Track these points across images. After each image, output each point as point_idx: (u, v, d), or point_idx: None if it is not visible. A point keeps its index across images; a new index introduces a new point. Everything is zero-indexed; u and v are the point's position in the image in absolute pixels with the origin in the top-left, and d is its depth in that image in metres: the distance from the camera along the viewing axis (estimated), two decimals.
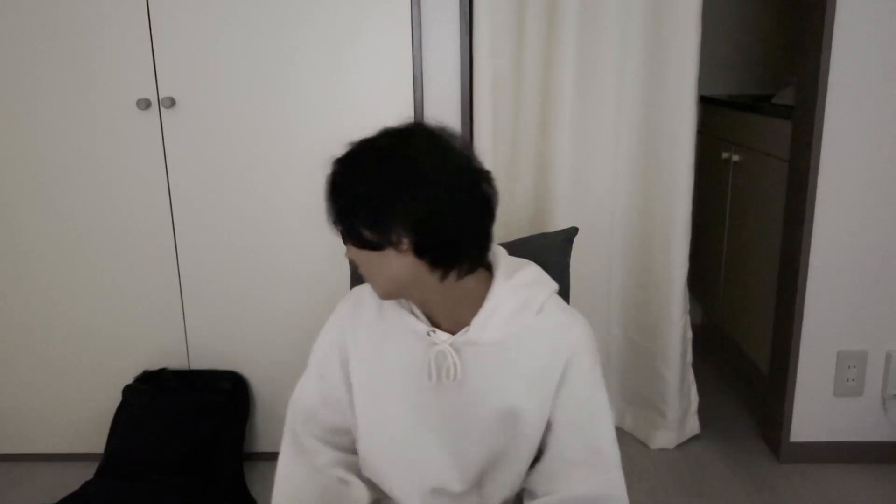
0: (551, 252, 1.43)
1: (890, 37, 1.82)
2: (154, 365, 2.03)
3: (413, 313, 1.05)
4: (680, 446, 2.18)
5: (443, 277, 0.97)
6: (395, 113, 1.87)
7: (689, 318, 2.13)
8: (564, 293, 1.42)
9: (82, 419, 2.09)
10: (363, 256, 0.98)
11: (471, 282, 1.01)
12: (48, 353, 2.05)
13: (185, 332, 2.01)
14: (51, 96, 1.87)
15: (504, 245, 1.54)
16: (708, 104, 2.76)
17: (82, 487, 1.62)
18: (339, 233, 0.99)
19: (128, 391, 1.98)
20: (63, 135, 1.89)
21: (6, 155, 1.92)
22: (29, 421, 2.11)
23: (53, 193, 1.93)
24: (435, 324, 1.04)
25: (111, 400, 2.04)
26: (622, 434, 2.25)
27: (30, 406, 2.09)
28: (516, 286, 1.03)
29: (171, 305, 1.99)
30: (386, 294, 1.02)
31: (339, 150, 1.00)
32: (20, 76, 1.86)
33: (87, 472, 1.46)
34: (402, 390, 1.05)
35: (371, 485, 1.12)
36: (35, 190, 1.93)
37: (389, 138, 1.00)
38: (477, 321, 1.01)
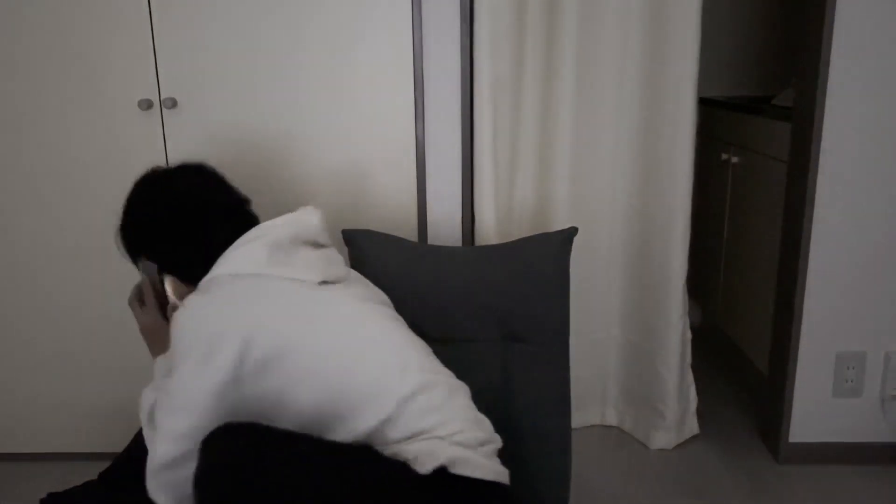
0: (551, 252, 1.43)
1: (890, 38, 1.83)
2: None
3: None
4: (679, 447, 2.18)
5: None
6: (395, 114, 1.89)
7: (688, 319, 2.14)
8: (564, 293, 1.43)
9: (82, 419, 2.09)
10: None
11: None
12: (48, 352, 2.05)
13: None
14: (52, 97, 1.87)
15: (504, 246, 1.55)
16: (707, 106, 2.77)
17: (84, 485, 1.62)
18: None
19: None
20: (65, 135, 1.90)
21: (7, 155, 1.92)
22: (29, 421, 2.11)
23: (54, 193, 1.94)
24: None
25: (111, 400, 2.05)
26: (621, 434, 2.26)
27: (30, 406, 2.10)
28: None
29: None
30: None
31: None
32: (22, 76, 1.86)
33: (88, 472, 1.46)
34: None
35: None
36: (36, 190, 1.94)
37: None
38: None
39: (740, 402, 2.44)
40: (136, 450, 1.58)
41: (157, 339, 1.34)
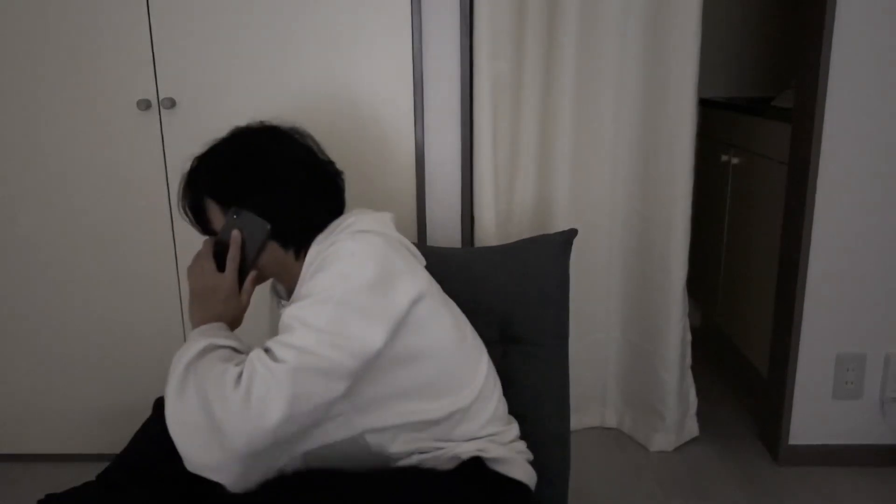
0: (551, 254, 1.43)
1: (890, 40, 1.83)
2: (155, 365, 2.03)
3: (275, 289, 1.29)
4: (679, 448, 2.18)
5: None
6: (395, 115, 1.89)
7: (688, 321, 2.14)
8: (564, 295, 1.43)
9: (82, 419, 2.09)
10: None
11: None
12: (48, 353, 2.05)
13: (185, 332, 2.01)
14: (51, 97, 1.87)
15: (504, 247, 1.55)
16: (707, 107, 2.77)
17: (82, 487, 1.62)
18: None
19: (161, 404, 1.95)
20: (63, 135, 1.89)
21: (6, 155, 1.92)
22: (28, 422, 2.11)
23: (53, 193, 1.94)
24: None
25: (110, 401, 2.05)
26: (621, 436, 2.25)
27: (29, 407, 2.09)
28: (323, 242, 1.13)
29: (171, 306, 1.99)
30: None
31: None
32: (20, 77, 1.86)
33: (86, 473, 1.46)
34: None
35: None
36: (35, 190, 1.94)
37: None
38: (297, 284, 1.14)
39: (740, 403, 2.44)
40: (135, 451, 1.58)
41: (218, 305, 1.13)
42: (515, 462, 1.20)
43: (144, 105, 1.85)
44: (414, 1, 1.80)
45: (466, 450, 1.16)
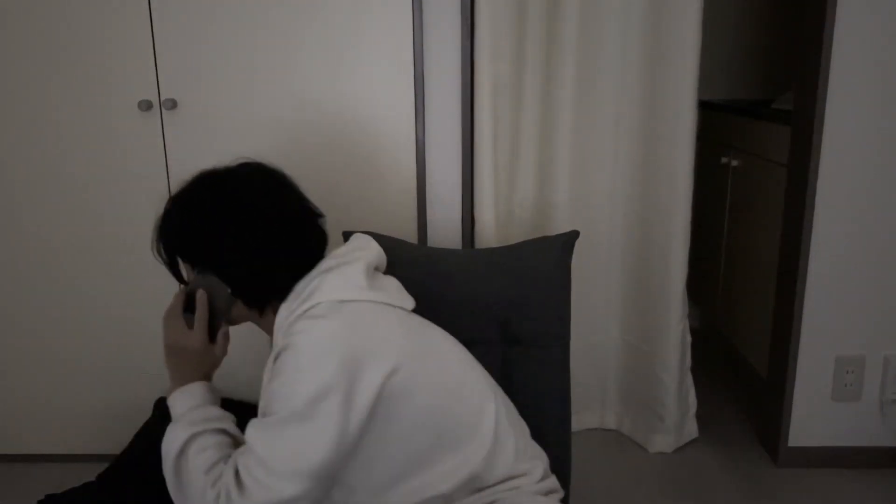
0: (553, 255, 1.43)
1: (890, 42, 1.83)
2: (155, 366, 2.03)
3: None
4: (678, 450, 2.18)
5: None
6: (395, 115, 1.89)
7: (687, 323, 2.14)
8: (565, 296, 1.43)
9: (82, 419, 2.09)
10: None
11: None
12: (48, 353, 2.05)
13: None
14: (52, 98, 1.87)
15: (505, 248, 1.55)
16: (707, 109, 2.77)
17: (82, 487, 1.62)
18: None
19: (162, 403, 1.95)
20: (64, 136, 1.90)
21: (8, 155, 1.92)
22: (28, 422, 2.11)
23: (54, 195, 1.94)
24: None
25: (110, 402, 2.05)
26: (621, 437, 2.25)
27: (29, 407, 2.09)
28: (293, 303, 1.08)
29: None
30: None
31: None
32: (22, 77, 1.86)
33: (86, 473, 1.46)
34: None
35: None
36: (36, 191, 1.94)
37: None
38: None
39: (739, 405, 2.44)
40: (135, 452, 1.58)
41: (192, 362, 1.14)
42: None
43: (146, 106, 1.85)
44: (415, 2, 1.81)
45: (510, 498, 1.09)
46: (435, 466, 1.06)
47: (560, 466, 1.39)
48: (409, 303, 1.17)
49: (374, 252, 1.21)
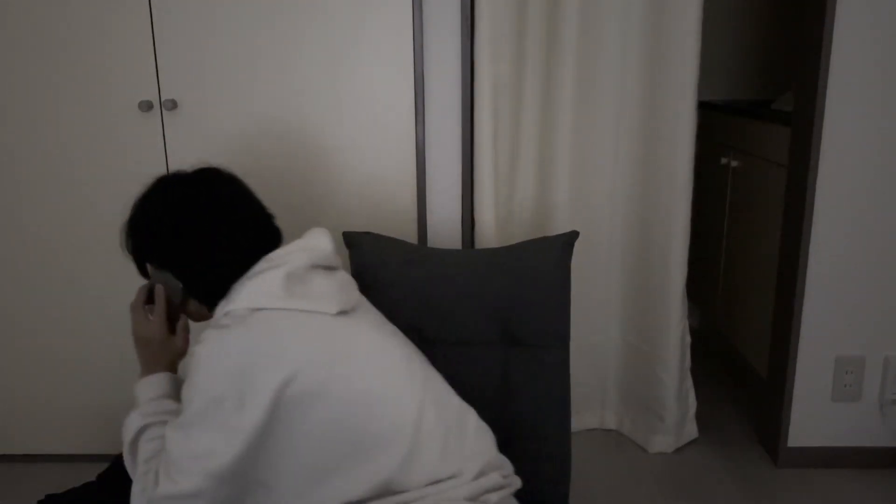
0: (553, 255, 1.43)
1: (889, 43, 1.83)
2: None
3: None
4: (678, 451, 2.18)
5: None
6: (395, 116, 1.89)
7: (687, 323, 2.14)
8: (565, 297, 1.43)
9: (82, 419, 2.09)
10: None
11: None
12: (49, 353, 2.05)
13: None
14: (53, 98, 1.87)
15: (505, 249, 1.55)
16: (707, 109, 2.77)
17: (82, 487, 1.62)
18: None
19: None
20: (65, 136, 1.90)
21: (9, 156, 1.92)
22: (27, 422, 2.11)
23: (54, 195, 1.94)
24: None
25: (110, 402, 2.05)
26: (620, 438, 2.26)
27: (28, 407, 2.10)
28: (224, 303, 1.14)
29: None
30: None
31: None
32: (22, 78, 1.86)
33: (86, 473, 1.46)
34: None
35: None
36: (36, 191, 1.94)
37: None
38: None
39: (739, 405, 2.44)
40: None
41: (155, 352, 1.24)
42: None
43: (146, 106, 1.85)
44: (415, 2, 1.81)
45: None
46: (350, 472, 1.08)
47: (560, 466, 1.39)
48: (336, 306, 1.14)
49: (317, 251, 1.20)
